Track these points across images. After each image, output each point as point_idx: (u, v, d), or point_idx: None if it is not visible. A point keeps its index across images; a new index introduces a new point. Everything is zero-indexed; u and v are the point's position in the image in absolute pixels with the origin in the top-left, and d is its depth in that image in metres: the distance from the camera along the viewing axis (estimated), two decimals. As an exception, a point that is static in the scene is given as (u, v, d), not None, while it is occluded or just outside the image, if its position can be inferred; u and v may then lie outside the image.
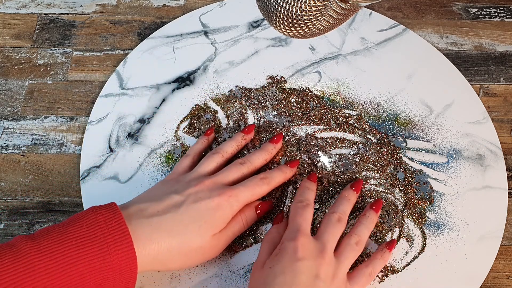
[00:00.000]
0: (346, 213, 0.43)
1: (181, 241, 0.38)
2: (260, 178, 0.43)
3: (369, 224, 0.43)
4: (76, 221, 0.36)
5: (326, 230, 0.41)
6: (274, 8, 0.35)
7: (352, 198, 0.44)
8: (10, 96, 0.53)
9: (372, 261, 0.42)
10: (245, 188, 0.42)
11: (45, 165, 0.49)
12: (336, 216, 0.42)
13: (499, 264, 0.44)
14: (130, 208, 0.39)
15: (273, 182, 0.44)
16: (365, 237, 0.42)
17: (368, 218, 0.43)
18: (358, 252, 0.41)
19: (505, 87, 0.54)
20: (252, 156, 0.46)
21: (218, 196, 0.40)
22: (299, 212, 0.42)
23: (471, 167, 0.48)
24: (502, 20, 0.59)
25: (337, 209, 0.43)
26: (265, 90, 0.53)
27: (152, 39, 0.56)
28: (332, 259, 0.39)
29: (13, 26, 0.58)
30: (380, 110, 0.52)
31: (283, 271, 0.37)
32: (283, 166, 0.46)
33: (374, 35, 0.57)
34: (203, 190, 0.41)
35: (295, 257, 0.38)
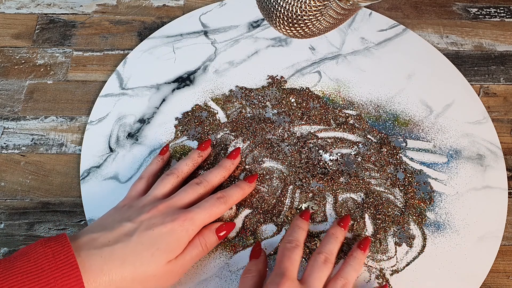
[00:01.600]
0: (333, 253, 0.41)
1: (134, 270, 0.37)
2: (216, 198, 0.42)
3: (356, 266, 0.41)
4: (23, 255, 0.35)
5: (312, 274, 0.39)
6: (274, 8, 0.35)
7: (339, 236, 0.42)
8: (10, 96, 0.53)
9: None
10: (201, 210, 0.40)
11: (45, 165, 0.49)
12: (322, 258, 0.40)
13: (499, 264, 0.44)
14: (81, 238, 0.37)
15: (231, 200, 0.43)
16: (352, 279, 0.40)
17: (355, 259, 0.41)
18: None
19: (505, 87, 0.54)
20: (208, 175, 0.44)
21: (172, 222, 0.39)
22: (286, 254, 0.39)
23: (471, 167, 0.48)
24: (502, 20, 0.59)
25: (324, 249, 0.41)
26: (265, 90, 0.53)
27: (152, 39, 0.56)
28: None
29: (13, 26, 0.58)
30: (380, 110, 0.52)
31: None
32: (241, 182, 0.45)
33: (374, 35, 0.57)
34: (156, 216, 0.39)
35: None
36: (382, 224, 0.45)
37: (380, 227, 0.45)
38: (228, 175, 0.46)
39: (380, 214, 0.46)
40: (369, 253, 0.44)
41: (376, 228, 0.45)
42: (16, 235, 0.45)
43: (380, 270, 0.43)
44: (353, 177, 0.47)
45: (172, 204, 0.41)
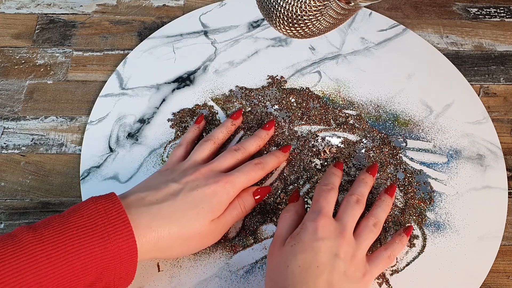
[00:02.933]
0: (364, 195, 0.44)
1: (180, 227, 0.39)
2: (254, 164, 0.44)
3: (385, 207, 0.44)
4: (76, 211, 0.36)
5: (346, 212, 0.41)
6: (274, 8, 0.35)
7: (369, 181, 0.45)
8: (10, 96, 0.53)
9: (391, 245, 0.42)
10: (241, 174, 0.43)
11: (45, 165, 0.49)
12: (354, 198, 0.42)
13: (499, 264, 0.44)
14: (129, 197, 0.39)
15: (268, 167, 0.45)
16: (382, 219, 0.43)
17: (383, 201, 0.44)
18: (376, 233, 0.42)
19: (505, 87, 0.54)
20: (246, 143, 0.46)
21: (215, 183, 0.41)
22: (323, 195, 0.42)
23: (471, 167, 0.48)
24: (502, 20, 0.59)
25: (355, 191, 0.43)
26: (265, 90, 0.53)
27: (152, 39, 0.56)
28: (352, 239, 0.40)
29: (13, 26, 0.58)
30: (380, 110, 0.52)
31: (304, 249, 0.38)
32: (276, 151, 0.47)
33: (374, 35, 0.57)
34: (200, 178, 0.41)
35: (315, 236, 0.38)
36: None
37: (380, 227, 0.45)
38: (263, 144, 0.48)
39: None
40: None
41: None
42: (16, 235, 0.45)
43: (380, 270, 0.43)
44: (353, 177, 0.47)
45: (213, 168, 0.43)
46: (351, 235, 0.40)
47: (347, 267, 0.38)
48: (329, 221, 0.40)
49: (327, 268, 0.37)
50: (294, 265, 0.37)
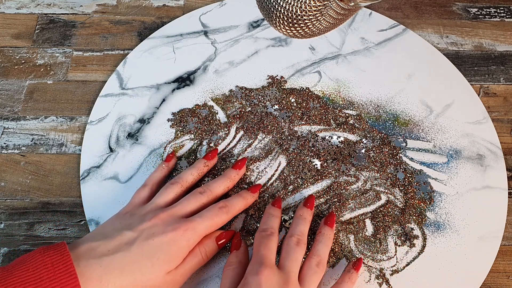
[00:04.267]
0: (304, 233, 0.42)
1: (133, 280, 0.36)
2: (219, 208, 0.41)
3: (326, 241, 0.42)
4: (22, 263, 0.34)
5: (288, 257, 0.40)
6: (274, 8, 0.35)
7: (307, 216, 0.43)
8: (10, 96, 0.53)
9: (340, 284, 0.40)
10: (203, 220, 0.40)
11: (45, 165, 0.49)
12: (294, 240, 0.41)
13: (499, 264, 0.44)
14: (80, 247, 0.37)
15: (233, 210, 0.42)
16: (325, 255, 0.41)
17: (324, 235, 0.42)
18: (320, 273, 0.40)
19: (505, 87, 0.54)
20: (212, 184, 0.44)
21: (173, 231, 0.38)
22: (263, 242, 0.40)
23: (471, 167, 0.48)
24: (502, 20, 0.59)
25: (294, 231, 0.42)
26: (265, 90, 0.53)
27: (152, 39, 0.56)
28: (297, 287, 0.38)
29: (13, 26, 0.58)
30: (380, 110, 0.52)
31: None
32: (243, 191, 0.45)
33: (374, 35, 0.57)
34: (158, 225, 0.39)
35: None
36: (382, 224, 0.45)
37: (380, 227, 0.45)
38: (233, 185, 0.45)
39: (380, 214, 0.46)
40: (365, 251, 0.44)
41: (376, 228, 0.45)
42: (16, 235, 0.45)
43: (380, 270, 0.43)
44: (353, 178, 0.47)
45: (174, 213, 0.40)
46: (295, 283, 0.38)
47: None
48: (272, 271, 0.38)
49: None
50: None
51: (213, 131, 0.50)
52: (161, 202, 0.42)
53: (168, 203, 0.42)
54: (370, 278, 0.43)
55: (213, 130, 0.50)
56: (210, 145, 0.49)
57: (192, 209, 0.41)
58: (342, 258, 0.44)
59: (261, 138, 0.50)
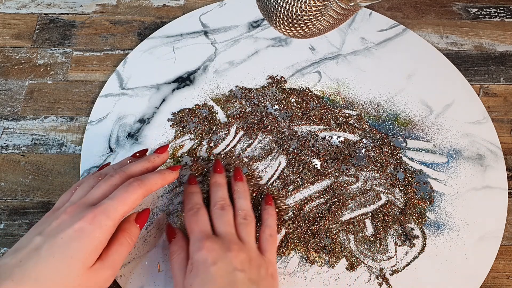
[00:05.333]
0: (224, 197, 0.43)
1: (52, 285, 0.33)
2: (129, 183, 0.37)
3: (243, 194, 0.43)
4: None
5: (219, 222, 0.41)
6: (274, 8, 0.35)
7: (221, 181, 0.44)
8: (10, 96, 0.53)
9: (264, 223, 0.43)
10: (113, 201, 0.36)
11: (45, 165, 0.49)
12: (219, 206, 0.42)
13: (499, 264, 0.44)
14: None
15: (149, 184, 0.38)
16: (248, 207, 0.43)
17: (239, 191, 0.44)
18: (251, 224, 0.41)
19: (505, 87, 0.54)
20: (129, 166, 0.41)
21: (80, 221, 0.34)
22: (193, 220, 0.41)
23: (471, 167, 0.48)
24: (502, 20, 0.59)
25: (216, 199, 0.43)
26: (265, 90, 0.53)
27: (152, 39, 0.56)
28: (239, 245, 0.39)
29: (13, 26, 0.58)
30: (380, 110, 0.52)
31: (203, 283, 0.36)
32: (163, 169, 0.42)
33: (374, 35, 0.57)
34: (65, 220, 0.35)
35: (207, 264, 0.37)
36: (382, 224, 0.45)
37: (380, 227, 0.45)
38: (152, 167, 0.42)
39: (380, 214, 0.46)
40: (365, 251, 0.44)
41: (376, 228, 0.45)
42: (16, 235, 0.45)
43: (380, 270, 0.43)
44: (353, 178, 0.47)
45: (83, 203, 0.36)
46: (236, 241, 0.39)
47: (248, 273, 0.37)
48: (212, 240, 0.38)
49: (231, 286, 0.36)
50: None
51: (213, 131, 0.50)
52: (75, 198, 0.38)
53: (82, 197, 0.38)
54: (370, 278, 0.43)
55: (213, 130, 0.50)
56: (210, 145, 0.49)
57: (104, 193, 0.37)
58: (342, 258, 0.44)
59: (261, 138, 0.50)
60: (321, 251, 0.44)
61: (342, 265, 0.43)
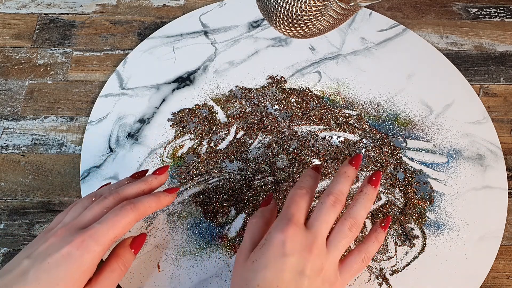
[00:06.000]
0: (344, 193, 0.37)
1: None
2: (121, 206, 0.36)
3: (366, 202, 0.37)
4: None
5: (319, 217, 0.36)
6: (274, 8, 0.35)
7: (351, 175, 0.38)
8: (10, 96, 0.53)
9: (365, 245, 0.38)
10: (102, 225, 0.34)
11: (45, 165, 0.49)
12: (331, 199, 0.37)
13: (499, 264, 0.44)
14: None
15: (142, 208, 0.37)
16: (361, 218, 0.37)
17: (366, 195, 0.38)
18: (352, 237, 0.36)
19: (505, 87, 0.54)
20: (123, 187, 0.39)
21: (68, 245, 0.33)
22: (295, 200, 0.37)
23: (471, 167, 0.48)
24: (502, 20, 0.59)
25: (333, 189, 0.37)
26: (265, 90, 0.53)
27: (152, 39, 0.56)
28: (323, 250, 0.35)
29: (13, 26, 0.58)
30: (380, 110, 0.52)
31: (265, 266, 0.34)
32: (159, 192, 0.40)
33: (374, 35, 0.57)
34: (54, 243, 0.34)
35: (281, 251, 0.34)
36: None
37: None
38: (149, 190, 0.40)
39: (380, 214, 0.46)
40: None
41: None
42: (16, 235, 0.45)
43: (380, 270, 0.43)
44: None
45: (73, 226, 0.35)
46: (322, 246, 0.35)
47: (311, 283, 0.34)
48: (298, 231, 0.35)
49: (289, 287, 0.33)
50: (253, 284, 0.33)
51: (213, 131, 0.50)
52: (67, 220, 0.36)
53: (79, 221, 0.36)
54: (370, 278, 0.43)
55: (213, 130, 0.50)
56: (210, 145, 0.49)
57: (95, 215, 0.36)
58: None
59: (261, 138, 0.50)
60: (321, 251, 0.44)
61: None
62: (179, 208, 0.46)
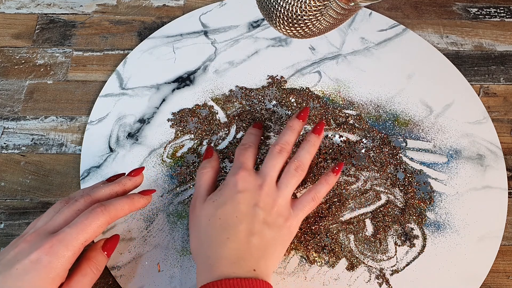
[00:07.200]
0: (289, 143, 0.43)
1: None
2: (91, 209, 0.35)
3: (310, 148, 0.43)
4: None
5: (267, 163, 0.42)
6: (274, 8, 0.35)
7: (297, 127, 0.44)
8: (10, 96, 0.53)
9: (315, 186, 0.42)
10: (72, 229, 0.33)
11: (45, 165, 0.49)
12: (277, 148, 0.42)
13: (499, 264, 0.44)
14: None
15: (114, 211, 0.36)
16: (306, 161, 0.43)
17: (309, 142, 0.44)
18: (299, 177, 0.42)
19: (505, 87, 0.54)
20: (96, 189, 0.38)
21: (37, 251, 0.32)
22: (242, 153, 0.43)
23: (471, 167, 0.48)
24: (502, 20, 0.59)
25: (280, 140, 0.43)
26: (265, 90, 0.53)
27: (152, 39, 0.56)
28: (272, 189, 0.40)
29: (13, 26, 0.58)
30: (380, 110, 0.52)
31: (224, 202, 0.39)
32: (133, 194, 0.39)
33: (374, 35, 0.57)
34: (24, 249, 0.32)
35: (235, 189, 0.40)
36: (382, 224, 0.45)
37: (380, 227, 0.45)
38: (122, 191, 0.39)
39: (380, 214, 0.46)
40: (365, 251, 0.44)
41: (376, 228, 0.45)
42: (16, 235, 0.45)
43: (380, 270, 0.43)
44: (353, 178, 0.47)
45: (43, 231, 0.34)
46: (272, 185, 0.41)
47: (266, 215, 0.39)
48: (249, 173, 0.41)
49: (247, 218, 0.38)
50: (215, 218, 0.38)
51: (213, 131, 0.50)
52: (39, 225, 0.35)
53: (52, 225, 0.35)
54: (370, 278, 0.43)
55: (213, 130, 0.50)
56: (210, 145, 0.49)
57: (66, 219, 0.35)
58: (342, 258, 0.44)
59: (261, 138, 0.50)
60: (321, 251, 0.44)
61: (342, 265, 0.43)
62: (179, 208, 0.46)
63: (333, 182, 0.43)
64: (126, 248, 0.44)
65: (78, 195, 0.38)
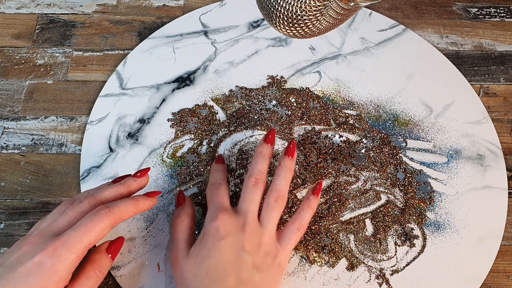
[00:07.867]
0: (263, 171, 0.41)
1: None
2: (96, 211, 0.34)
3: (286, 174, 0.41)
4: None
5: (244, 199, 0.39)
6: (274, 8, 0.35)
7: (267, 153, 0.41)
8: (10, 96, 0.53)
9: (299, 214, 0.41)
10: (76, 231, 0.33)
11: (45, 165, 0.49)
12: (252, 181, 0.40)
13: (499, 264, 0.44)
14: None
15: (118, 213, 0.35)
16: (284, 189, 0.40)
17: (283, 167, 0.41)
18: (279, 208, 0.40)
19: (505, 87, 0.54)
20: (100, 190, 0.37)
21: (40, 254, 0.32)
22: (214, 193, 0.40)
23: (471, 167, 0.48)
24: (502, 20, 0.59)
25: (253, 171, 0.41)
26: (265, 90, 0.53)
27: (152, 39, 0.56)
28: (255, 226, 0.38)
29: (13, 26, 0.58)
30: (380, 110, 0.52)
31: (208, 253, 0.36)
32: (138, 195, 0.38)
33: (374, 35, 0.57)
34: (27, 251, 0.32)
35: (218, 236, 0.37)
36: (382, 224, 0.45)
37: (380, 227, 0.45)
38: (127, 193, 0.39)
39: (380, 214, 0.46)
40: (365, 251, 0.44)
41: (376, 228, 0.45)
42: (16, 235, 0.45)
43: (380, 270, 0.43)
44: (353, 178, 0.47)
45: (46, 232, 0.34)
46: (254, 223, 0.38)
47: (254, 257, 0.37)
48: (228, 215, 0.38)
49: (233, 266, 0.36)
50: (202, 274, 0.35)
51: (213, 131, 0.50)
52: (43, 226, 0.35)
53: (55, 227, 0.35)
54: (370, 278, 0.43)
55: (213, 130, 0.50)
56: (210, 145, 0.49)
57: (70, 221, 0.35)
58: (342, 258, 0.44)
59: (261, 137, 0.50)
60: (321, 251, 0.44)
61: (342, 265, 0.43)
62: (179, 208, 0.46)
63: (316, 205, 0.41)
64: (126, 248, 0.44)
65: (82, 196, 0.37)
